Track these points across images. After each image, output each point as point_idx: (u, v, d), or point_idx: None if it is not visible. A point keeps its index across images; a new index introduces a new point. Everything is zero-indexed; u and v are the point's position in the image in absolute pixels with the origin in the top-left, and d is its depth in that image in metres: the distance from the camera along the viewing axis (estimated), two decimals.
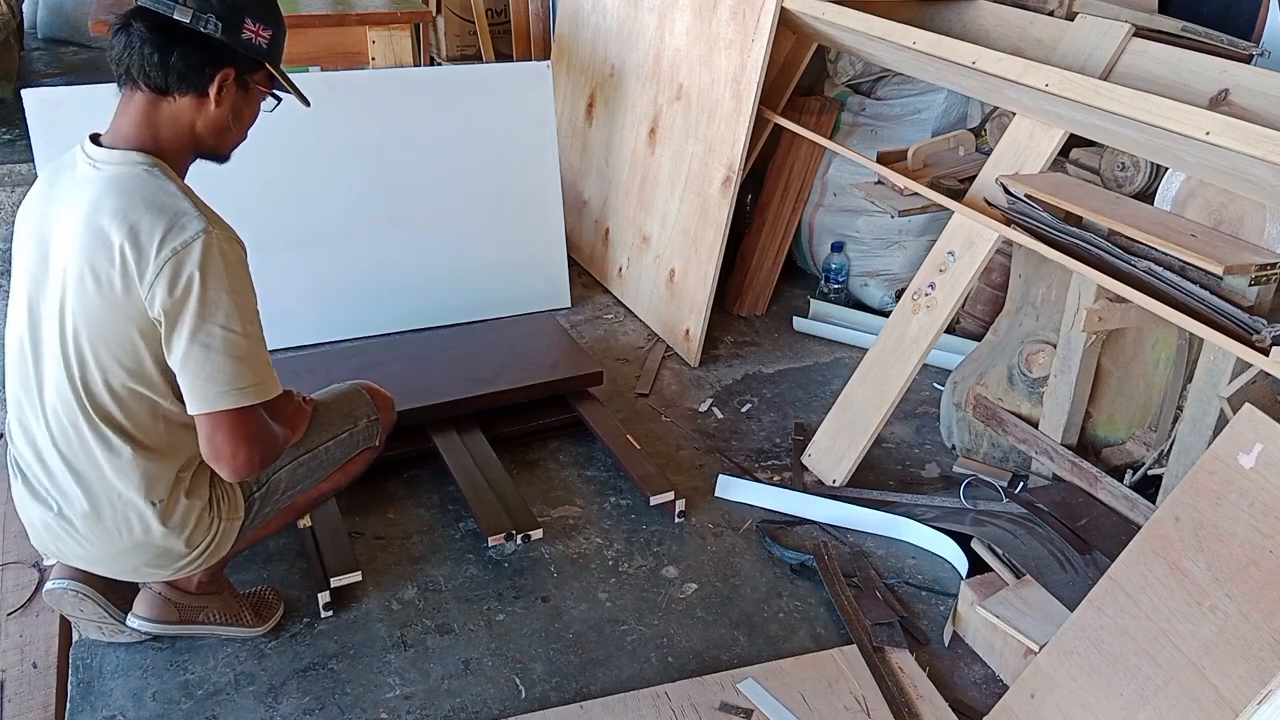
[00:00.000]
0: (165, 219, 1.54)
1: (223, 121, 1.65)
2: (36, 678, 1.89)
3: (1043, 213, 2.11)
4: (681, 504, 2.32)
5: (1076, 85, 1.94)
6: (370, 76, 3.20)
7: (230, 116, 1.66)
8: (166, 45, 1.55)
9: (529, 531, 2.15)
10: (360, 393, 2.02)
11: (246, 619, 1.95)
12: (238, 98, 1.66)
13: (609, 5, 3.42)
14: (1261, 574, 1.48)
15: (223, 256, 1.56)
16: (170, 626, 1.89)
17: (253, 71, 1.66)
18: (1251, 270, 1.77)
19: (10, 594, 2.08)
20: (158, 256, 1.53)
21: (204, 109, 1.62)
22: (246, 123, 1.72)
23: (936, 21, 2.94)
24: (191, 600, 1.89)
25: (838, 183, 3.29)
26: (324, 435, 1.92)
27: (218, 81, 1.60)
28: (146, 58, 1.56)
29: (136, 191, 1.56)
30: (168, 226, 1.54)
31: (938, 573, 2.21)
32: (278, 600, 2.02)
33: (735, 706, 1.81)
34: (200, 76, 1.59)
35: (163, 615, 1.88)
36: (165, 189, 1.58)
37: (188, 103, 1.61)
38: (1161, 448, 2.14)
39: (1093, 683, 1.61)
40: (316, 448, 1.90)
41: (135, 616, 1.88)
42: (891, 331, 2.44)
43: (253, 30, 1.61)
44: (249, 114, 1.71)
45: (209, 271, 1.54)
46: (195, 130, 1.64)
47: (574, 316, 3.32)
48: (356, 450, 1.99)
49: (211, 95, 1.61)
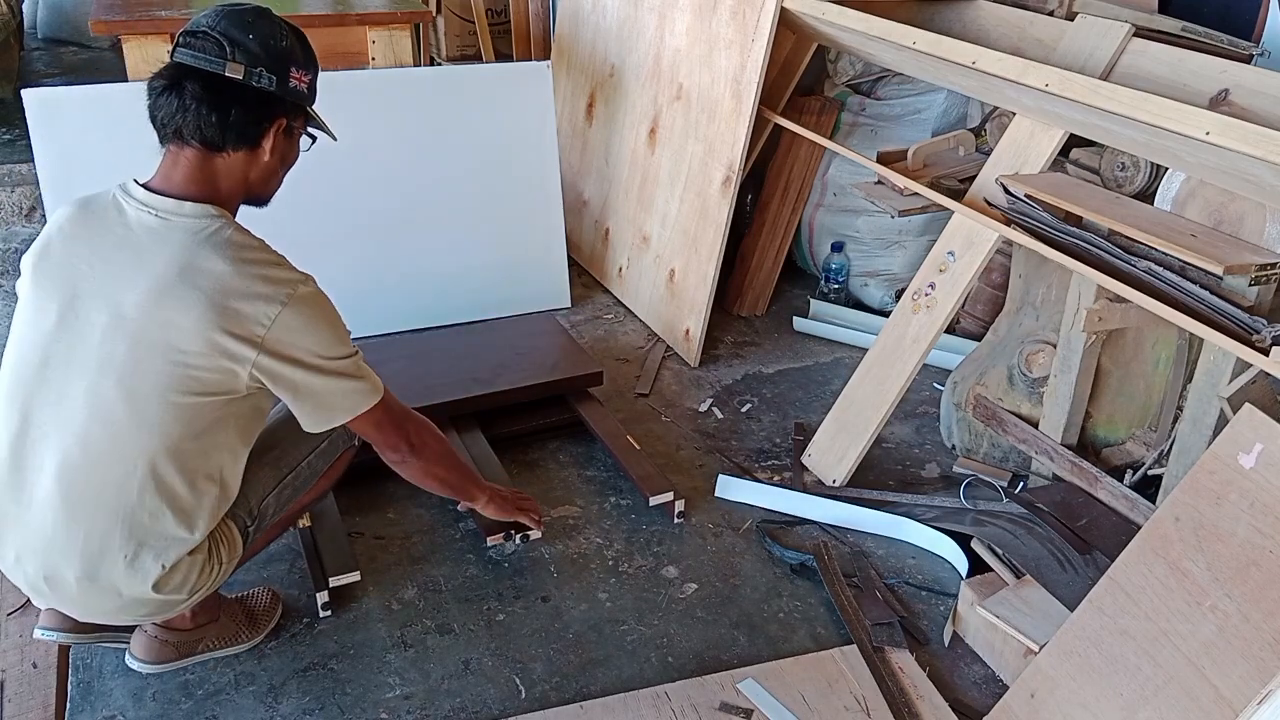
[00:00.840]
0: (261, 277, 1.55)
1: (272, 170, 1.67)
2: (36, 678, 1.89)
3: (1043, 213, 2.11)
4: (681, 504, 2.32)
5: (1076, 85, 1.94)
6: (370, 76, 3.19)
7: (279, 164, 1.68)
8: (224, 105, 1.53)
9: (528, 531, 2.15)
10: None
11: (244, 635, 1.92)
12: (283, 145, 1.66)
13: (609, 5, 3.42)
14: (1261, 574, 1.48)
15: (320, 298, 1.61)
16: (170, 665, 1.86)
17: (297, 117, 1.67)
18: (1251, 270, 1.77)
19: (10, 594, 2.08)
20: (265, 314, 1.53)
21: (257, 160, 1.62)
22: (289, 165, 1.72)
23: (936, 21, 2.94)
24: (188, 636, 1.86)
25: (838, 183, 3.29)
26: (304, 449, 1.84)
27: (272, 134, 1.61)
28: (204, 118, 1.53)
29: (228, 248, 1.55)
30: (265, 284, 1.54)
31: (938, 573, 2.21)
32: (275, 603, 2.00)
33: (735, 706, 1.81)
34: (257, 131, 1.59)
35: (161, 657, 1.84)
36: (249, 244, 1.58)
37: (241, 157, 1.60)
38: (1161, 448, 2.14)
39: (1093, 683, 1.61)
40: (299, 465, 1.84)
41: (133, 658, 1.84)
42: (891, 331, 2.44)
43: (298, 78, 1.61)
44: (293, 158, 1.72)
45: (318, 318, 1.59)
46: (248, 180, 1.64)
47: (574, 316, 3.32)
48: (337, 454, 1.91)
49: (266, 147, 1.61)
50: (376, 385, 1.70)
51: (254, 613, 1.97)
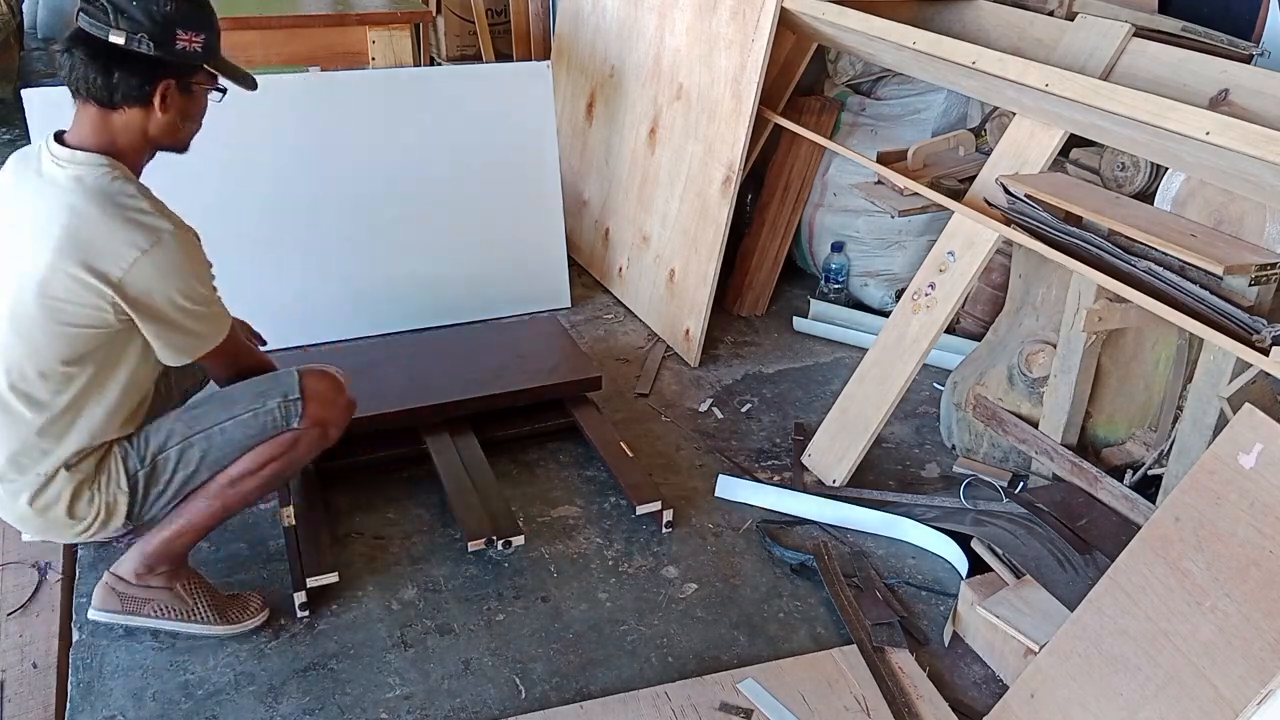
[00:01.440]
0: (130, 222, 1.66)
1: (173, 124, 1.75)
2: (36, 678, 1.89)
3: (1043, 213, 2.11)
4: (669, 514, 2.29)
5: (1076, 85, 1.94)
6: (370, 76, 3.19)
7: (178, 118, 1.76)
8: (108, 67, 1.65)
9: (510, 538, 2.13)
10: (286, 375, 1.91)
11: (202, 615, 1.94)
12: (182, 101, 1.75)
13: (609, 5, 3.42)
14: (1261, 574, 1.48)
15: (187, 249, 1.71)
16: (115, 615, 1.92)
17: (192, 75, 1.75)
18: (1251, 270, 1.77)
19: (10, 594, 2.08)
20: (125, 258, 1.64)
21: (152, 116, 1.72)
22: (196, 118, 1.82)
23: (936, 21, 2.94)
24: (134, 591, 1.91)
25: (838, 183, 3.29)
26: (223, 414, 1.85)
27: (159, 93, 1.70)
28: (92, 80, 1.66)
29: (102, 196, 1.67)
30: (133, 229, 1.66)
31: (938, 573, 2.21)
32: (260, 607, 2.00)
33: (735, 706, 1.81)
34: (142, 92, 1.68)
35: (105, 604, 1.93)
36: (126, 191, 1.69)
37: (136, 113, 1.71)
38: (1161, 448, 2.14)
39: (1093, 683, 1.61)
40: (210, 427, 1.84)
41: (91, 606, 1.95)
42: (891, 331, 2.44)
43: (186, 39, 1.69)
44: (196, 111, 1.80)
45: (178, 267, 1.69)
46: (148, 135, 1.74)
47: (574, 316, 3.32)
48: (266, 434, 1.87)
49: (156, 106, 1.71)
50: (224, 325, 1.82)
51: (226, 605, 1.98)
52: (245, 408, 1.86)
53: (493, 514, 2.18)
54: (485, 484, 2.28)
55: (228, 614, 1.97)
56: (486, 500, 2.22)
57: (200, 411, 1.88)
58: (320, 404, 1.90)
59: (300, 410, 1.88)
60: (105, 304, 1.66)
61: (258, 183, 2.84)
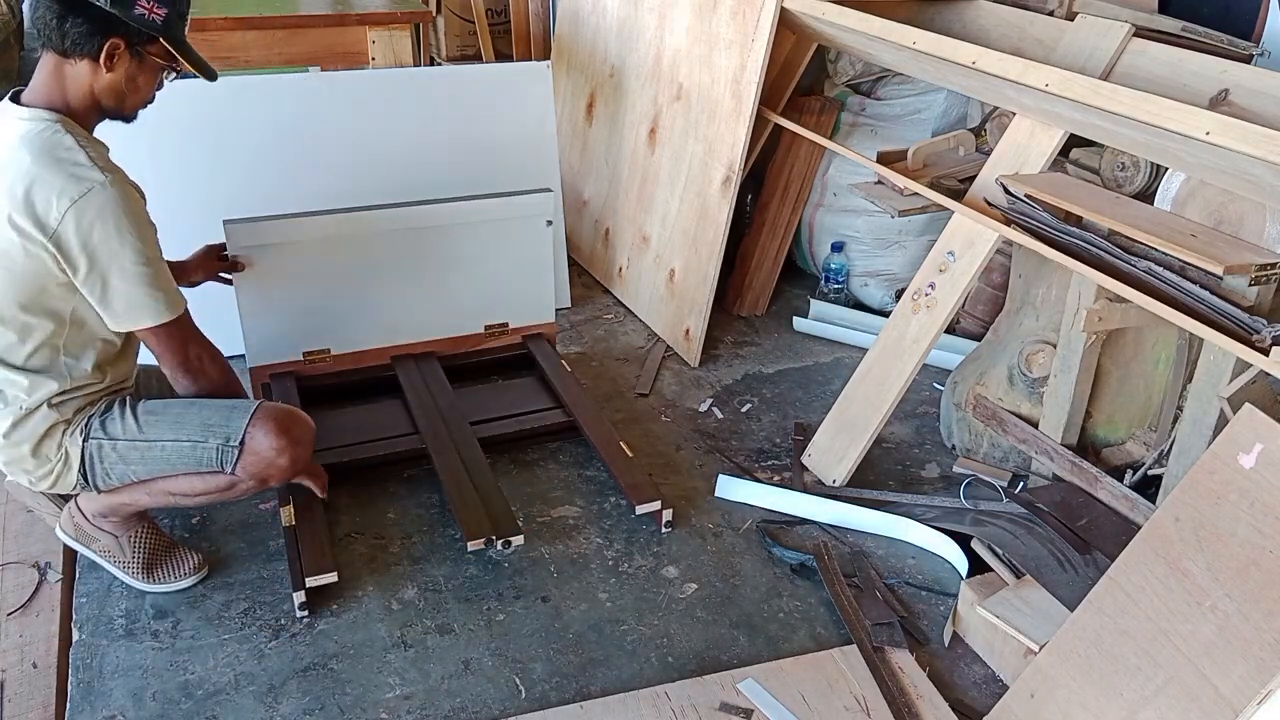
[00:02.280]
0: (64, 173, 1.71)
1: (117, 86, 1.80)
2: (36, 678, 1.89)
3: (1043, 213, 2.11)
4: (668, 514, 2.29)
5: (1076, 85, 1.94)
6: (370, 76, 3.20)
7: (124, 82, 1.80)
8: (63, 13, 1.72)
9: (509, 537, 2.13)
10: (238, 415, 1.91)
11: (134, 570, 2.05)
12: (131, 66, 1.79)
13: (609, 5, 3.42)
14: (1261, 574, 1.48)
15: (120, 201, 1.73)
16: (70, 540, 2.07)
17: (146, 44, 1.79)
18: (1251, 270, 1.77)
19: (10, 594, 2.09)
20: (57, 208, 1.70)
21: (99, 74, 1.77)
22: (144, 90, 1.85)
23: (936, 21, 2.94)
24: (87, 526, 2.04)
25: (838, 183, 3.29)
26: (169, 432, 1.90)
27: (107, 50, 1.75)
28: (47, 22, 1.74)
29: (41, 148, 1.72)
30: (66, 180, 1.70)
31: (938, 573, 2.21)
32: (193, 569, 2.09)
33: (735, 706, 1.81)
34: (90, 43, 1.74)
35: (65, 527, 2.06)
36: (64, 144, 1.74)
37: (85, 67, 1.76)
38: (1161, 448, 2.14)
39: (1093, 683, 1.61)
40: (154, 440, 1.90)
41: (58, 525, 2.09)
42: (891, 331, 2.44)
43: (146, 7, 1.75)
44: (145, 83, 1.84)
45: (109, 218, 1.72)
46: (94, 93, 1.79)
47: (574, 316, 3.32)
48: (202, 469, 1.91)
49: (102, 62, 1.75)
50: (172, 305, 1.84)
51: (159, 562, 2.07)
52: (188, 436, 1.90)
53: (493, 514, 2.18)
54: (485, 484, 2.27)
55: (154, 573, 2.07)
56: (487, 500, 2.22)
57: (155, 418, 1.91)
58: (256, 461, 1.91)
59: (235, 459, 1.90)
60: (45, 255, 1.72)
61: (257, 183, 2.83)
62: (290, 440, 1.93)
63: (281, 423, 1.93)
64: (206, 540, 2.22)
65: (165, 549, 2.09)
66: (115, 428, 1.89)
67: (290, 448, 1.93)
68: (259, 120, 2.83)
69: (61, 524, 2.08)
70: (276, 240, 2.47)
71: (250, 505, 2.32)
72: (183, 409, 1.93)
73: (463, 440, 2.42)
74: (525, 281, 2.82)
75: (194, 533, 2.24)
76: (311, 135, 2.91)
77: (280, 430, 1.92)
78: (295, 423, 1.97)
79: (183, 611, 2.03)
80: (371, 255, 2.62)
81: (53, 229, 1.70)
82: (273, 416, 1.93)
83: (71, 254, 1.72)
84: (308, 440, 1.99)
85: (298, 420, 1.98)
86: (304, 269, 2.52)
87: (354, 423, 2.51)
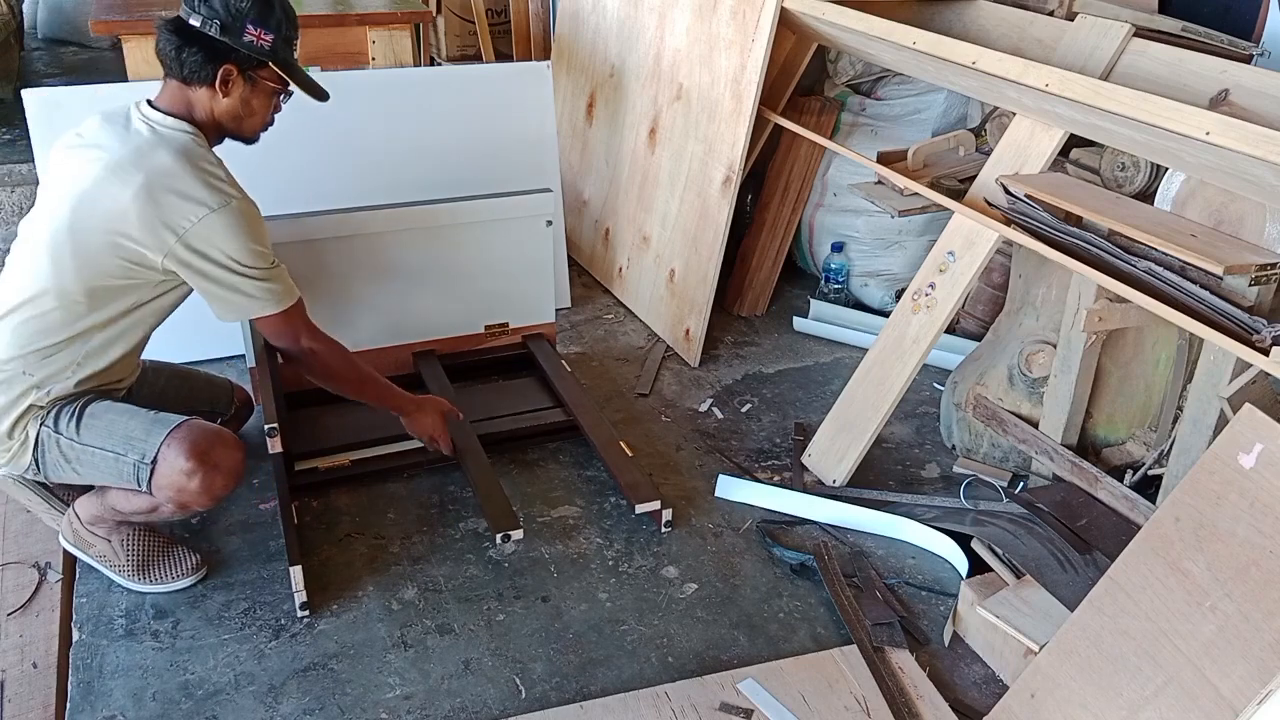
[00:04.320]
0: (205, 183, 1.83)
1: (234, 110, 1.94)
2: (36, 678, 1.89)
3: (1043, 213, 2.11)
4: (668, 514, 2.29)
5: (1076, 85, 1.94)
6: (370, 76, 3.19)
7: (240, 105, 1.94)
8: (181, 44, 1.86)
9: (509, 531, 2.12)
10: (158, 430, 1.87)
11: (128, 573, 2.06)
12: (245, 90, 1.94)
13: (609, 5, 3.42)
14: (1261, 574, 1.48)
15: (252, 216, 1.89)
16: (69, 545, 2.09)
17: (258, 69, 1.93)
18: (1251, 270, 1.77)
19: (10, 594, 2.09)
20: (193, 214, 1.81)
21: (216, 99, 1.91)
22: (260, 113, 2.00)
23: (936, 21, 2.94)
24: (83, 531, 2.06)
25: (838, 183, 3.29)
26: (98, 441, 1.88)
27: (221, 75, 1.89)
28: (168, 53, 1.87)
29: (184, 153, 1.85)
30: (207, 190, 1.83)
31: (938, 573, 2.21)
32: (191, 569, 2.09)
33: (735, 706, 1.81)
34: (206, 70, 1.88)
35: (66, 533, 2.08)
36: (207, 157, 1.89)
37: (205, 92, 1.91)
38: (1161, 448, 2.14)
39: (1093, 683, 1.61)
40: (85, 445, 1.88)
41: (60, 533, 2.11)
42: (891, 331, 2.44)
43: (254, 34, 1.88)
44: (259, 105, 1.98)
45: (243, 232, 1.85)
46: (215, 115, 1.93)
47: (574, 316, 3.32)
48: (123, 483, 1.89)
49: (218, 87, 1.90)
50: (285, 297, 1.96)
51: (154, 563, 2.08)
52: (113, 447, 1.88)
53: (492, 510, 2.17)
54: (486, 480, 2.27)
55: (150, 574, 2.07)
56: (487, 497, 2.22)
57: (94, 422, 1.90)
58: (168, 484, 1.85)
59: (148, 478, 1.86)
60: (158, 254, 1.82)
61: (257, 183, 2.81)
62: (204, 464, 1.84)
63: (197, 444, 1.84)
64: (206, 540, 2.22)
65: (161, 550, 2.09)
66: (64, 424, 1.90)
67: (202, 472, 1.84)
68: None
69: (63, 531, 2.09)
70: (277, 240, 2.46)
71: (250, 505, 2.32)
72: (118, 416, 1.89)
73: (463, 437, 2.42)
74: (525, 281, 2.82)
75: (194, 533, 2.24)
76: (312, 135, 2.91)
77: (193, 452, 1.83)
78: (215, 446, 1.87)
79: (183, 611, 2.03)
80: (372, 255, 2.62)
81: (183, 230, 1.81)
82: (188, 437, 1.85)
83: (193, 255, 1.83)
84: (227, 465, 1.88)
85: (220, 444, 1.88)
86: (304, 269, 2.51)
87: (354, 423, 2.51)
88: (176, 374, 2.28)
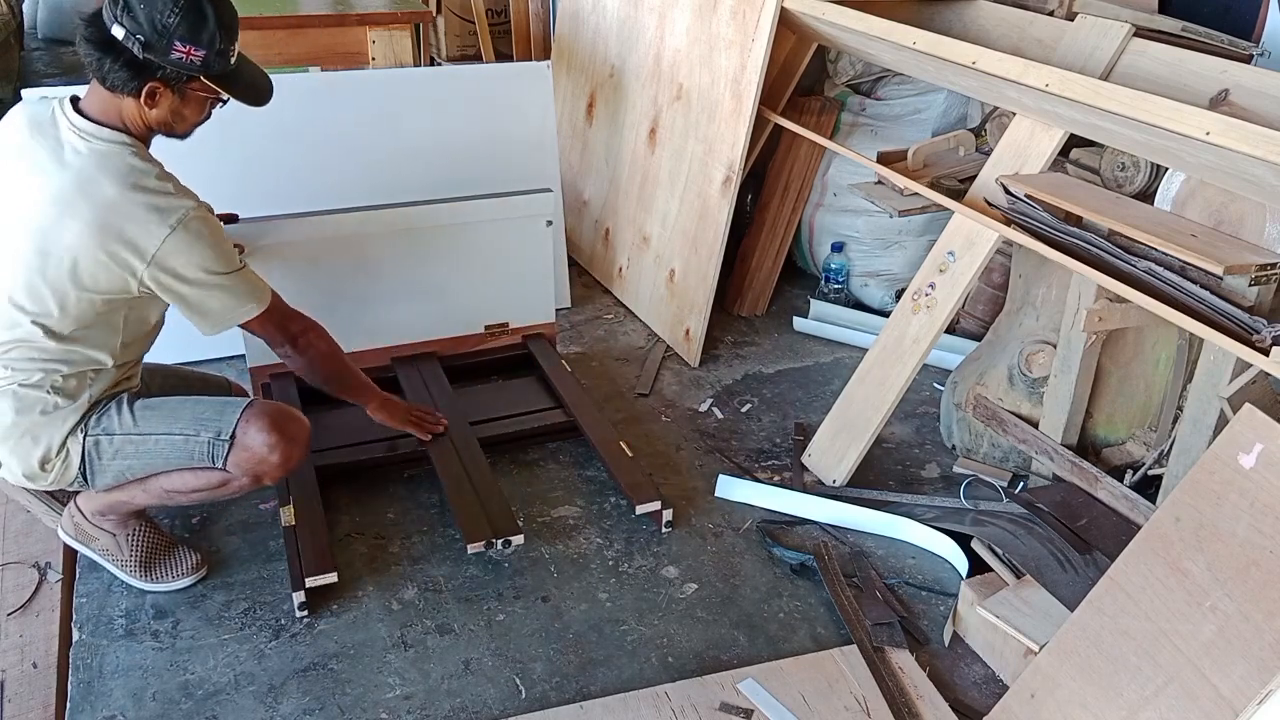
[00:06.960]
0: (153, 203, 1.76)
1: (164, 119, 1.83)
2: (36, 678, 1.89)
3: (1043, 213, 2.11)
4: (668, 514, 2.29)
5: (1076, 85, 1.94)
6: (370, 76, 3.19)
7: (170, 115, 1.83)
8: (102, 56, 1.73)
9: (509, 537, 2.12)
10: (231, 409, 1.93)
11: (131, 569, 2.06)
12: (175, 102, 1.82)
13: (609, 5, 3.42)
14: (1261, 574, 1.48)
15: (207, 224, 1.81)
16: (69, 539, 2.08)
17: (187, 83, 1.80)
18: (1251, 270, 1.77)
19: (10, 594, 2.09)
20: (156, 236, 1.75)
21: (145, 110, 1.80)
22: (192, 119, 1.88)
23: (936, 21, 2.94)
24: (86, 525, 2.05)
25: (838, 183, 3.29)
26: (163, 425, 1.91)
27: (147, 91, 1.76)
28: (90, 62, 1.75)
29: (123, 177, 1.76)
30: (157, 212, 1.75)
31: (938, 573, 2.21)
32: (192, 568, 2.09)
33: (735, 706, 1.81)
34: (131, 85, 1.75)
35: (66, 527, 2.08)
36: (144, 170, 1.78)
37: (131, 103, 1.79)
38: (1161, 448, 2.14)
39: (1093, 683, 1.61)
40: (148, 434, 1.90)
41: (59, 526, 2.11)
42: (891, 331, 2.44)
43: (183, 51, 1.74)
44: (192, 113, 1.87)
45: (204, 242, 1.79)
46: (145, 122, 1.82)
47: (574, 316, 3.32)
48: (194, 463, 1.92)
49: (143, 101, 1.78)
50: (261, 296, 1.91)
51: (158, 561, 2.08)
52: (182, 430, 1.91)
53: (491, 514, 2.18)
54: (485, 484, 2.27)
55: (153, 572, 2.07)
56: (486, 500, 2.22)
57: (150, 412, 1.92)
58: (248, 457, 1.91)
59: (225, 454, 1.90)
60: (132, 277, 1.77)
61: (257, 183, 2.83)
62: (283, 437, 1.92)
63: (274, 419, 1.93)
64: (206, 540, 2.22)
65: (164, 548, 2.09)
66: (112, 423, 1.89)
67: (282, 444, 1.92)
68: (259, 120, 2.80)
69: (62, 524, 2.08)
70: (276, 240, 2.47)
71: (250, 505, 2.32)
72: (178, 404, 1.95)
73: (462, 440, 2.42)
74: (525, 281, 2.82)
75: (194, 532, 2.24)
76: (312, 135, 2.91)
77: (273, 426, 1.91)
78: (289, 420, 1.96)
79: (183, 611, 2.03)
80: (371, 255, 2.62)
81: (151, 256, 1.76)
82: (266, 412, 1.93)
83: (166, 276, 1.78)
84: (301, 439, 1.97)
85: (292, 418, 1.97)
86: (304, 269, 2.52)
87: (354, 423, 2.51)
88: (173, 374, 2.28)
